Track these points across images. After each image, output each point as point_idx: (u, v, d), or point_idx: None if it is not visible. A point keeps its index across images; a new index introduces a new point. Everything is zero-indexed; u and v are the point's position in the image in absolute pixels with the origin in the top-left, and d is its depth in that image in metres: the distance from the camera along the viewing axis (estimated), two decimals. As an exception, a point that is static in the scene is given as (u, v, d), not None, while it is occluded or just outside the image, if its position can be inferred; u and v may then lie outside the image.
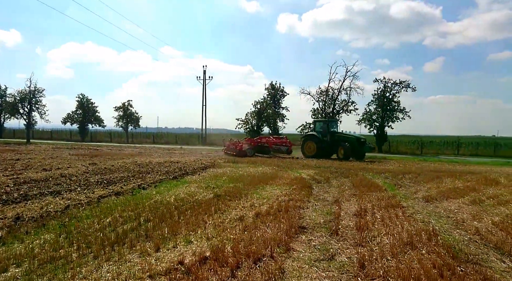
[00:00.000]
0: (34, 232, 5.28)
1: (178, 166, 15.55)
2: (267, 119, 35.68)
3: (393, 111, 37.74)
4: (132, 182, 10.30)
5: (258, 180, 11.38)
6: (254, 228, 5.60)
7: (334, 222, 6.22)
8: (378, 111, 38.12)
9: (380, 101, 37.76)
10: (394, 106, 37.80)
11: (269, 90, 39.20)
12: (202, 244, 4.81)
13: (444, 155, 37.80)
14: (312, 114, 39.64)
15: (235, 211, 6.81)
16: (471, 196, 9.23)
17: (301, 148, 26.00)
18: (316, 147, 24.68)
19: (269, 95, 38.73)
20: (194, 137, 55.62)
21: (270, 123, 36.24)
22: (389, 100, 37.80)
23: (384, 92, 37.91)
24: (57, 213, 6.31)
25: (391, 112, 37.86)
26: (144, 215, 6.25)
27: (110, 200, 7.58)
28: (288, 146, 25.72)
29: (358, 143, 23.72)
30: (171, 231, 5.33)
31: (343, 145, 23.76)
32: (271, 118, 35.87)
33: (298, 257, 4.39)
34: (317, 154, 24.49)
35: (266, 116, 35.45)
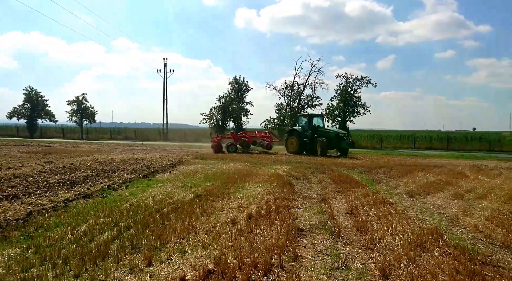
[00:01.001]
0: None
1: (144, 163, 14.64)
2: (232, 114, 35.05)
3: (354, 106, 38.56)
4: (99, 182, 9.40)
5: (235, 177, 10.87)
6: (249, 232, 5.12)
7: (331, 222, 5.88)
8: (340, 106, 38.79)
9: (342, 97, 38.42)
10: (355, 101, 38.64)
11: (233, 85, 38.55)
12: (199, 254, 4.25)
13: (402, 148, 39.24)
14: (276, 109, 39.61)
15: (223, 213, 6.28)
16: (450, 190, 9.31)
17: (285, 144, 25.27)
18: (298, 142, 23.69)
19: (233, 90, 38.09)
20: (154, 132, 53.83)
21: (235, 118, 35.64)
22: (350, 96, 38.57)
23: (346, 88, 38.63)
24: (18, 221, 5.44)
25: (353, 108, 38.67)
26: (123, 221, 5.54)
27: (79, 203, 6.74)
28: (268, 141, 25.13)
29: (336, 138, 22.54)
30: (159, 239, 4.71)
31: (320, 140, 22.67)
32: (236, 113, 35.27)
33: (310, 266, 3.97)
34: (299, 149, 23.60)
35: (231, 111, 34.79)
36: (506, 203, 7.74)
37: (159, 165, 14.23)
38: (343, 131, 23.68)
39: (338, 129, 24.82)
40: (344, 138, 22.66)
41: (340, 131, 23.81)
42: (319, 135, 22.90)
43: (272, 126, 39.28)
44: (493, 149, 38.80)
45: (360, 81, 38.28)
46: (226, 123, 35.82)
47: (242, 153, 23.06)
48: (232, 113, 34.78)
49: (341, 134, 22.91)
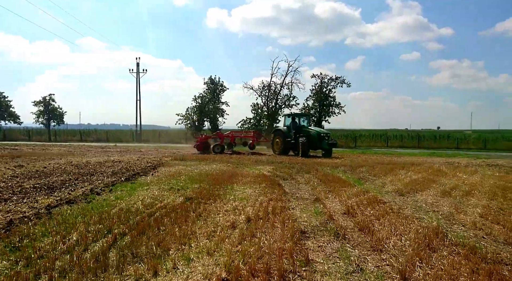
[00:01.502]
0: (-26, 260, 4.02)
1: (123, 166, 14.10)
2: (208, 115, 34.56)
3: (329, 106, 39.00)
4: (79, 186, 8.90)
5: (221, 178, 10.61)
6: (252, 236, 4.92)
7: (331, 223, 5.77)
8: (316, 106, 39.13)
9: (317, 97, 38.76)
10: (330, 101, 39.09)
11: (209, 85, 38.06)
12: (206, 261, 4.01)
13: (376, 147, 40.15)
14: (252, 109, 39.44)
15: (220, 217, 6.04)
16: (435, 188, 9.47)
17: (271, 144, 24.56)
18: (282, 142, 22.92)
19: (208, 90, 37.61)
20: (127, 134, 52.40)
21: (212, 119, 35.18)
22: (325, 96, 38.99)
23: (321, 88, 39.01)
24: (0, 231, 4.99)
25: (328, 107, 39.10)
26: (116, 227, 5.20)
27: (63, 210, 6.30)
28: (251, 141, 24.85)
29: (318, 138, 21.64)
30: (159, 247, 4.42)
31: (301, 140, 21.72)
32: (212, 113, 34.82)
33: (325, 270, 3.82)
34: (283, 150, 22.89)
35: (208, 112, 34.30)
36: (492, 199, 7.92)
37: (139, 167, 13.75)
38: (326, 131, 22.79)
39: (321, 129, 23.43)
40: (326, 138, 21.84)
41: (323, 131, 22.82)
42: (301, 136, 22.14)
43: (248, 126, 39.08)
44: (460, 147, 40.36)
45: (335, 81, 38.76)
46: (203, 123, 35.28)
47: (221, 154, 22.76)
48: (209, 113, 34.28)
49: (323, 134, 22.00)
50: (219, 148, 23.63)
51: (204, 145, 24.51)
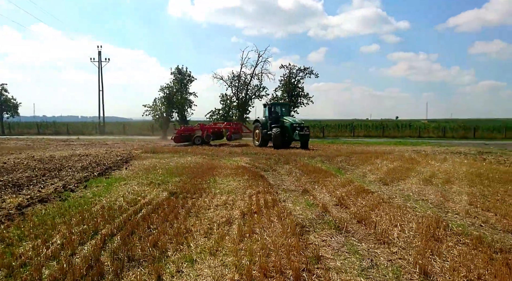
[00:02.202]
0: None
1: (92, 160, 13.33)
2: (177, 106, 33.57)
3: (298, 96, 39.17)
4: (49, 183, 8.23)
5: (200, 171, 10.25)
6: (252, 232, 4.66)
7: (327, 216, 5.64)
8: (285, 97, 39.15)
9: (286, 87, 38.78)
10: (298, 92, 39.26)
11: (176, 75, 36.93)
12: (212, 262, 3.72)
13: (343, 136, 40.96)
14: (220, 100, 38.82)
15: (212, 212, 5.73)
16: (415, 176, 9.62)
17: (252, 136, 23.66)
18: (261, 134, 21.85)
19: (176, 80, 36.49)
20: (88, 126, 50.11)
21: (180, 110, 34.22)
22: (294, 86, 39.09)
23: (289, 78, 39.04)
24: (-33, 236, 4.42)
25: (296, 98, 39.25)
26: (102, 227, 4.77)
27: (37, 210, 5.73)
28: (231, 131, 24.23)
29: (291, 129, 20.47)
30: (156, 247, 4.07)
31: (274, 131, 20.67)
32: (181, 104, 33.86)
33: (339, 267, 3.64)
34: (262, 142, 21.92)
35: (177, 102, 33.31)
36: (472, 186, 8.12)
37: (110, 161, 13.06)
38: (299, 121, 21.13)
39: (295, 119, 21.42)
40: (298, 129, 20.38)
41: (296, 121, 21.12)
42: (276, 126, 21.01)
43: (217, 117, 38.53)
44: (422, 135, 42.05)
45: (303, 72, 38.90)
46: (171, 115, 34.27)
47: (191, 146, 22.26)
48: (178, 104, 33.33)
49: (295, 124, 20.70)
50: (199, 140, 23.30)
51: (184, 137, 24.03)
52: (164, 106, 31.94)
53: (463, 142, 32.22)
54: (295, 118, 21.73)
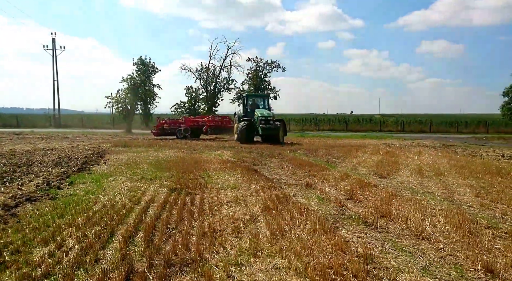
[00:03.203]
0: None
1: (60, 154, 12.33)
2: (142, 98, 32.15)
3: (265, 90, 39.03)
4: (25, 179, 7.39)
5: (187, 166, 9.74)
6: (283, 230, 4.35)
7: (348, 210, 5.46)
8: (252, 90, 38.86)
9: (253, 81, 38.50)
10: (265, 85, 39.12)
11: (139, 66, 35.36)
12: (261, 265, 3.37)
13: (309, 130, 41.51)
14: (186, 92, 37.83)
15: (226, 210, 5.34)
16: (405, 169, 9.73)
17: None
18: (237, 127, 20.07)
19: (138, 71, 34.94)
20: (41, 118, 46.84)
21: (146, 102, 32.83)
22: (261, 80, 38.89)
23: (256, 72, 38.78)
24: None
25: (263, 92, 39.10)
26: (117, 228, 4.25)
27: (28, 210, 5.04)
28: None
29: (258, 122, 18.84)
30: (188, 250, 3.66)
31: (241, 125, 19.22)
32: (147, 96, 32.49)
33: (395, 266, 3.41)
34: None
35: (142, 94, 31.89)
36: (465, 179, 8.32)
37: (81, 155, 12.14)
38: (267, 114, 19.18)
39: (264, 112, 19.40)
40: (263, 122, 18.68)
41: (264, 113, 19.20)
42: (244, 120, 19.67)
43: (183, 110, 37.56)
44: (383, 129, 43.66)
45: (270, 65, 38.80)
46: (136, 107, 32.76)
47: (165, 140, 21.48)
48: (143, 96, 31.94)
49: (261, 117, 18.86)
50: (181, 133, 22.56)
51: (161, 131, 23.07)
52: (129, 99, 30.47)
53: (423, 135, 33.79)
54: (268, 111, 19.75)
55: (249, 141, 18.86)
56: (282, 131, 19.48)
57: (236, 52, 36.58)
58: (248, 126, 19.01)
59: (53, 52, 40.96)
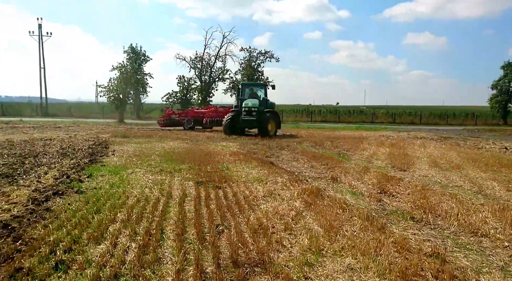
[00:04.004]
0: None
1: (63, 145, 11.91)
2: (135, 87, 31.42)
3: (258, 80, 38.69)
4: (40, 171, 7.05)
5: (199, 157, 9.49)
6: (334, 228, 4.21)
7: (387, 205, 5.37)
8: (245, 81, 38.49)
9: (246, 71, 38.09)
10: (259, 76, 38.78)
11: (129, 54, 34.52)
12: (333, 265, 3.22)
13: (302, 121, 41.45)
14: (178, 82, 37.23)
15: (266, 204, 5.17)
16: (419, 162, 9.72)
17: None
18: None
19: (129, 60, 34.10)
20: (26, 107, 45.46)
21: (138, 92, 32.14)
22: (254, 70, 38.51)
23: (250, 62, 38.36)
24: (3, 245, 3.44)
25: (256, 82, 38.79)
26: (166, 225, 4.05)
27: (59, 204, 4.78)
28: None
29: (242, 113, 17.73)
30: (249, 249, 3.49)
31: (226, 116, 18.38)
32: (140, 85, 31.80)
33: (470, 267, 3.32)
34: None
35: (135, 83, 31.15)
36: (486, 172, 8.31)
37: (84, 146, 11.76)
38: (253, 105, 17.70)
39: (249, 102, 17.94)
40: (244, 113, 17.66)
41: (248, 104, 17.79)
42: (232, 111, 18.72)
43: (175, 100, 37.01)
44: (374, 121, 43.99)
45: (264, 55, 38.42)
46: (129, 96, 32.00)
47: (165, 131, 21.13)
48: (135, 85, 31.22)
49: (245, 108, 17.70)
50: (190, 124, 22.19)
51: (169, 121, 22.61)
52: (121, 88, 29.75)
53: (414, 127, 34.12)
54: (254, 102, 18.02)
55: (234, 133, 17.73)
56: (273, 124, 17.90)
57: (232, 42, 36.03)
58: (233, 118, 17.98)
59: (40, 38, 39.64)
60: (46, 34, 40.64)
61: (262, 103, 18.40)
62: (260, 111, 17.76)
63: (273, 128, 17.94)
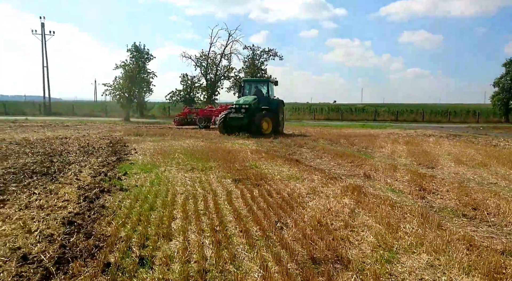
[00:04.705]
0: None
1: (81, 144, 11.85)
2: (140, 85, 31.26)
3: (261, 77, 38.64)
4: (74, 169, 7.01)
5: (221, 155, 9.48)
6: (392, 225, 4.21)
7: (433, 202, 5.38)
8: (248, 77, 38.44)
9: (250, 69, 38.01)
10: (262, 74, 38.71)
11: (133, 52, 34.32)
12: (413, 262, 3.23)
13: (304, 119, 41.46)
14: (181, 80, 37.10)
15: (314, 202, 5.16)
16: (441, 159, 9.75)
17: None
18: None
19: (133, 58, 33.91)
20: (28, 105, 45.14)
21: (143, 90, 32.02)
22: (258, 68, 38.44)
23: (253, 60, 38.28)
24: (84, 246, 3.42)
25: (259, 80, 38.72)
26: (227, 224, 4.04)
27: (110, 201, 4.77)
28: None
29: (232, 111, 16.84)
30: (318, 246, 3.48)
31: (220, 115, 17.68)
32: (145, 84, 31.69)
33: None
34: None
35: (141, 82, 31.00)
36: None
37: (103, 144, 11.75)
38: (243, 102, 16.88)
39: (240, 100, 17.30)
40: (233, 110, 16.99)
41: (240, 101, 17.11)
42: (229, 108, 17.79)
43: (178, 98, 36.92)
44: (377, 119, 44.06)
45: (267, 53, 38.32)
46: (135, 95, 31.83)
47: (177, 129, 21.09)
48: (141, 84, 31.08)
49: (235, 105, 17.02)
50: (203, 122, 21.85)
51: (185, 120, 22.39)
52: (127, 86, 29.58)
53: (418, 125, 34.09)
54: (246, 99, 17.21)
55: (228, 132, 16.54)
56: (268, 122, 16.70)
57: (238, 40, 35.91)
58: (227, 116, 17.01)
59: (42, 37, 39.37)
60: (48, 33, 40.41)
61: (263, 100, 17.46)
62: (253, 108, 16.56)
63: (269, 127, 16.72)
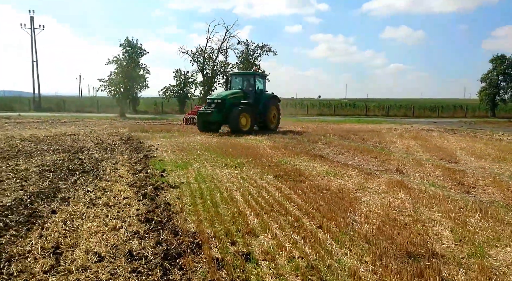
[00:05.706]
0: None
1: (93, 140, 11.66)
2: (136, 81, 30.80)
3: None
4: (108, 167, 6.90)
5: (242, 151, 9.52)
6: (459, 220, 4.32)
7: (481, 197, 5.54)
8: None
9: (244, 65, 37.89)
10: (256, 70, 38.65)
11: (125, 47, 33.73)
12: (502, 255, 3.33)
13: (298, 115, 41.63)
14: (174, 75, 36.77)
15: (367, 198, 5.23)
16: (458, 153, 9.97)
17: None
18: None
19: (125, 53, 33.33)
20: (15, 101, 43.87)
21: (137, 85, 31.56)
22: (251, 64, 38.33)
23: (247, 56, 38.16)
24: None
25: (253, 76, 38.64)
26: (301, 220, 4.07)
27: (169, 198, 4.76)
28: None
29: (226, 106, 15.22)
30: (395, 241, 3.55)
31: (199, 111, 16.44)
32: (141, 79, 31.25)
33: None
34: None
35: (136, 77, 30.52)
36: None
37: (115, 141, 11.58)
38: (217, 96, 15.95)
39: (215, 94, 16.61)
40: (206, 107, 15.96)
41: (213, 96, 16.41)
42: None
43: (171, 93, 36.63)
44: (368, 114, 44.60)
45: (261, 49, 38.26)
46: (131, 91, 31.31)
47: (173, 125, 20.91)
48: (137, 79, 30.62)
49: (208, 100, 16.08)
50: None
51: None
52: (123, 81, 29.10)
53: (410, 119, 34.67)
54: (223, 93, 16.36)
55: (206, 130, 15.40)
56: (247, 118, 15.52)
57: (235, 35, 35.69)
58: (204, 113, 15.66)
59: (32, 31, 38.20)
60: (38, 27, 39.28)
61: (251, 95, 16.42)
62: (228, 103, 15.23)
63: (247, 123, 15.48)
